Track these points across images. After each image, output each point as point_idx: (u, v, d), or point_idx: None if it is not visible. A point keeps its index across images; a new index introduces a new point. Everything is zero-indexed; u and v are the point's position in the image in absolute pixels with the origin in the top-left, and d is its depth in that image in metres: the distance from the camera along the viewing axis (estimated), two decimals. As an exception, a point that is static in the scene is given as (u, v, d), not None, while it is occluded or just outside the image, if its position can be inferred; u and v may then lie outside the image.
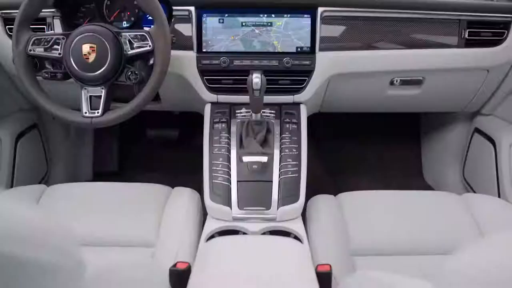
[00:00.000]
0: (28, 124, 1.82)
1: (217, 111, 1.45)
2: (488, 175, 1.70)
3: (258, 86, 1.22)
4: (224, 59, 1.41)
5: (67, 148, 2.08)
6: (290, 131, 1.39)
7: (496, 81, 1.60)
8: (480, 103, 1.73)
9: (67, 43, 1.21)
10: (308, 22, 1.40)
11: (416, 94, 1.59)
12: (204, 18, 1.41)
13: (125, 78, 1.24)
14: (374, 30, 1.45)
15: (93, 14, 1.45)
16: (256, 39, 1.42)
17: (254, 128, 1.37)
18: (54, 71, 1.28)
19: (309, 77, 1.44)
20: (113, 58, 1.20)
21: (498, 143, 1.68)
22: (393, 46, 1.46)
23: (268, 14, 1.41)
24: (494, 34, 1.48)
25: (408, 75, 1.53)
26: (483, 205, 1.33)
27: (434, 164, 2.17)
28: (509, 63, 1.54)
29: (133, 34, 1.22)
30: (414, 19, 1.45)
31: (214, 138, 1.38)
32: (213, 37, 1.42)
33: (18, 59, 1.22)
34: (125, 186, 1.39)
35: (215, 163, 1.33)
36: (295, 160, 1.34)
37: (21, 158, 1.73)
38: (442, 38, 1.48)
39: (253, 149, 1.33)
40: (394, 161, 2.26)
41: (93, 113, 1.23)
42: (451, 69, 1.51)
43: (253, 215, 1.28)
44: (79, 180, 2.12)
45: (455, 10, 1.45)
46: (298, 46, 1.42)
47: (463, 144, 1.95)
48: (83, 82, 1.22)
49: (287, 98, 1.46)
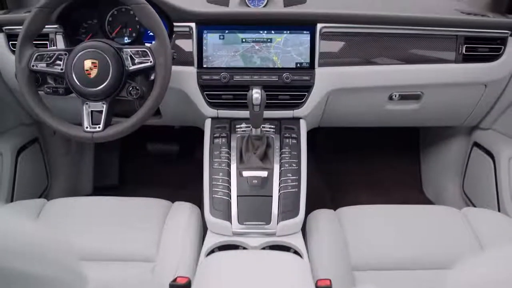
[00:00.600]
0: (29, 138, 1.82)
1: (217, 126, 1.46)
2: (488, 189, 1.71)
3: (258, 101, 1.23)
4: (224, 74, 1.42)
5: (68, 162, 2.09)
6: (290, 146, 1.40)
7: (494, 95, 1.62)
8: (478, 118, 1.74)
9: (69, 58, 1.23)
10: (307, 38, 1.42)
11: (415, 108, 1.61)
12: (204, 34, 1.43)
13: (126, 93, 1.25)
14: (372, 46, 1.46)
15: (95, 30, 1.47)
16: (256, 54, 1.43)
17: (254, 143, 1.38)
18: (56, 86, 1.29)
19: (308, 92, 1.45)
20: (114, 74, 1.21)
21: (497, 157, 1.69)
22: (392, 61, 1.48)
23: (268, 30, 1.43)
24: (491, 49, 1.50)
25: (407, 90, 1.54)
26: (483, 219, 1.33)
27: (433, 178, 2.17)
28: (506, 78, 1.55)
29: (135, 50, 1.23)
30: (412, 35, 1.47)
31: (214, 153, 1.38)
32: (214, 53, 1.43)
33: (20, 74, 1.23)
34: (125, 201, 1.39)
35: (215, 177, 1.34)
36: (295, 175, 1.34)
37: (22, 172, 1.73)
38: (440, 54, 1.49)
39: (253, 164, 1.34)
40: (393, 175, 2.26)
41: (94, 128, 1.23)
42: (449, 84, 1.53)
43: (253, 230, 1.28)
44: (79, 194, 2.12)
45: (452, 26, 1.47)
46: (298, 61, 1.43)
47: (463, 158, 1.96)
48: (84, 97, 1.23)
49: (287, 113, 1.47)
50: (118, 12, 1.47)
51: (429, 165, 2.22)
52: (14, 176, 1.70)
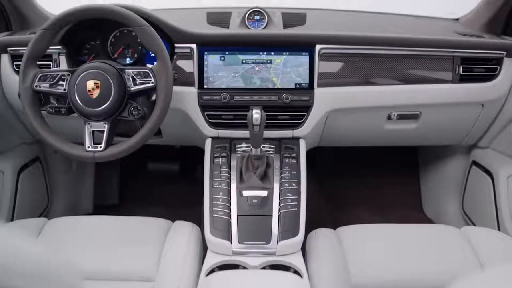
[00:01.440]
0: (30, 157, 1.83)
1: (217, 146, 1.47)
2: (487, 207, 1.71)
3: (258, 121, 1.24)
4: (224, 95, 1.44)
5: (68, 181, 2.09)
6: (290, 165, 1.41)
7: (491, 115, 1.63)
8: (476, 137, 1.75)
9: (72, 79, 1.24)
10: (306, 59, 1.44)
11: (413, 128, 1.62)
12: (205, 56, 1.45)
13: (127, 113, 1.26)
14: (371, 67, 1.49)
15: (98, 51, 1.50)
16: (256, 75, 1.45)
17: (254, 162, 1.39)
18: (58, 106, 1.30)
19: (308, 112, 1.47)
20: (116, 94, 1.22)
21: (495, 175, 1.69)
22: (390, 81, 1.50)
23: (267, 52, 1.45)
24: (487, 69, 1.53)
25: (405, 110, 1.56)
26: (483, 238, 1.33)
27: (433, 197, 2.17)
28: (503, 97, 1.57)
29: (136, 71, 1.25)
30: (410, 55, 1.49)
31: (215, 172, 1.39)
32: (214, 74, 1.45)
33: (24, 94, 1.25)
34: (125, 220, 1.39)
35: (216, 197, 1.34)
36: (295, 194, 1.35)
37: (23, 191, 1.74)
38: (437, 74, 1.51)
39: (253, 184, 1.35)
40: (393, 194, 2.26)
41: (95, 148, 1.24)
42: (447, 103, 1.55)
43: (253, 249, 1.28)
44: (79, 213, 2.12)
45: (449, 47, 1.50)
46: (297, 82, 1.45)
47: (462, 176, 1.96)
48: (86, 117, 1.24)
49: (287, 133, 1.49)
50: (120, 33, 1.49)
51: (428, 184, 2.22)
52: (15, 195, 1.70)
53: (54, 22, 1.25)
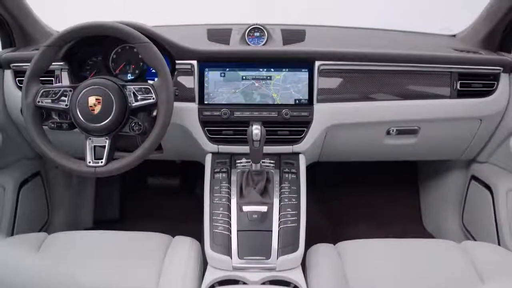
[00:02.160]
0: (31, 172, 1.84)
1: (217, 161, 1.48)
2: (487, 222, 1.71)
3: (258, 137, 1.25)
4: (225, 110, 1.45)
5: (69, 195, 2.10)
6: (289, 180, 1.41)
7: (489, 130, 1.65)
8: (475, 151, 1.76)
9: (74, 95, 1.25)
10: (305, 75, 1.46)
11: (412, 143, 1.63)
12: (206, 72, 1.47)
13: (129, 129, 1.27)
14: (369, 82, 1.50)
15: (99, 67, 1.51)
16: (256, 91, 1.47)
17: (254, 178, 1.39)
18: (60, 122, 1.31)
19: (307, 128, 1.48)
20: (117, 110, 1.24)
21: (495, 190, 1.70)
22: (389, 97, 1.51)
23: (267, 68, 1.47)
24: (485, 85, 1.54)
25: (404, 125, 1.57)
26: (483, 253, 1.33)
27: (433, 211, 2.17)
28: (501, 112, 1.59)
29: (138, 87, 1.26)
30: (408, 71, 1.51)
31: (215, 187, 1.40)
32: (215, 90, 1.47)
33: (26, 109, 1.26)
34: (125, 235, 1.39)
35: (216, 212, 1.34)
36: (294, 210, 1.35)
37: (23, 206, 1.74)
38: (435, 89, 1.53)
39: (253, 199, 1.35)
40: (393, 208, 2.26)
41: (96, 163, 1.25)
42: (445, 119, 1.56)
43: (253, 265, 1.27)
44: (79, 227, 2.12)
45: (446, 62, 1.52)
46: (297, 98, 1.47)
47: (461, 191, 1.97)
48: (88, 132, 1.25)
49: (286, 148, 1.49)
50: (122, 49, 1.51)
51: (428, 198, 2.22)
52: (15, 210, 1.70)
53: (57, 39, 1.27)
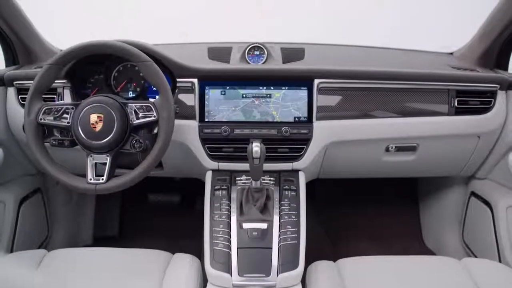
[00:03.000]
0: (32, 188, 1.84)
1: (218, 178, 1.48)
2: (487, 238, 1.71)
3: (258, 154, 1.26)
4: (225, 128, 1.46)
5: (69, 212, 2.09)
6: (289, 198, 1.42)
7: (488, 146, 1.66)
8: (474, 168, 1.77)
9: (76, 112, 1.27)
10: (305, 93, 1.48)
11: (411, 160, 1.64)
12: (206, 90, 1.48)
13: (129, 146, 1.28)
14: (368, 100, 1.52)
15: (101, 84, 1.53)
16: (256, 109, 1.48)
17: (254, 195, 1.40)
18: (61, 139, 1.32)
19: (307, 145, 1.49)
20: (119, 128, 1.25)
21: (494, 206, 1.70)
22: (387, 114, 1.53)
23: (267, 86, 1.49)
24: (482, 102, 1.56)
25: (403, 142, 1.58)
26: (483, 270, 1.33)
27: (433, 228, 2.17)
28: (498, 129, 1.60)
29: (139, 105, 1.27)
30: (406, 89, 1.53)
31: (215, 204, 1.40)
32: (215, 108, 1.48)
33: (28, 126, 1.27)
34: (125, 252, 1.39)
35: (216, 229, 1.35)
36: (294, 227, 1.35)
37: (23, 222, 1.74)
38: (433, 107, 1.55)
39: (253, 216, 1.36)
40: (393, 225, 2.26)
41: (97, 180, 1.25)
42: (444, 135, 1.57)
43: (253, 282, 1.27)
44: (79, 244, 2.11)
45: (444, 80, 1.53)
46: (296, 116, 1.48)
47: (461, 207, 1.97)
48: (89, 149, 1.26)
49: (286, 165, 1.50)
50: (123, 68, 1.53)
51: (428, 215, 2.22)
52: (15, 226, 1.70)
53: (60, 58, 1.28)
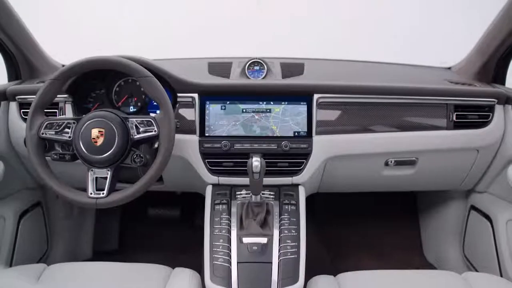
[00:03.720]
0: (32, 202, 1.84)
1: (218, 193, 1.49)
2: (488, 252, 1.70)
3: (258, 169, 1.27)
4: (225, 142, 1.47)
5: (69, 226, 2.09)
6: (289, 212, 1.42)
7: (487, 160, 1.66)
8: (473, 181, 1.77)
9: (77, 127, 1.27)
10: (304, 108, 1.49)
11: (410, 174, 1.64)
12: (207, 105, 1.49)
13: (130, 160, 1.29)
14: (367, 115, 1.53)
15: (102, 99, 1.54)
16: (255, 124, 1.50)
17: (254, 209, 1.40)
18: (62, 153, 1.32)
19: (306, 159, 1.49)
20: (120, 142, 1.25)
21: (494, 220, 1.70)
22: (387, 129, 1.54)
23: (267, 101, 1.50)
24: (480, 116, 1.57)
25: (402, 156, 1.59)
26: (485, 284, 1.32)
27: (433, 241, 2.17)
28: (497, 143, 1.61)
29: (140, 120, 1.28)
30: (405, 103, 1.54)
31: (215, 219, 1.40)
32: (215, 122, 1.49)
33: (30, 141, 1.28)
34: (124, 266, 1.38)
35: (216, 244, 1.35)
36: (294, 241, 1.35)
37: (23, 236, 1.73)
38: (432, 121, 1.56)
39: (253, 230, 1.36)
40: (393, 239, 2.25)
41: (98, 194, 1.26)
42: (443, 150, 1.58)
43: None
44: (78, 258, 2.10)
45: (442, 95, 1.55)
46: (296, 130, 1.49)
47: (461, 221, 1.97)
48: (90, 164, 1.27)
49: (286, 180, 1.51)
50: (124, 83, 1.54)
51: (428, 229, 2.22)
52: (15, 240, 1.70)
53: (62, 73, 1.30)
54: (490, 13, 1.58)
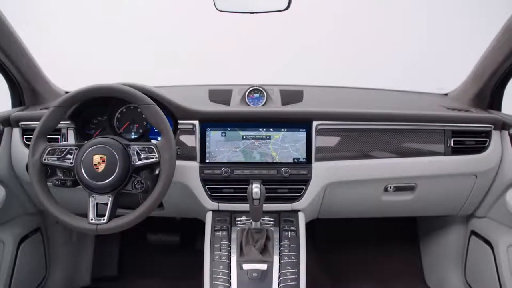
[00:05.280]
0: (32, 227, 1.84)
1: (218, 219, 1.49)
2: (490, 278, 1.69)
3: (258, 195, 1.28)
4: (225, 169, 1.48)
5: (68, 252, 2.08)
6: (289, 238, 1.42)
7: (485, 185, 1.67)
8: (473, 207, 1.77)
9: (79, 153, 1.29)
10: (303, 135, 1.51)
11: (410, 199, 1.65)
12: (207, 131, 1.51)
13: (131, 187, 1.29)
14: (366, 141, 1.54)
15: (104, 125, 1.56)
16: (255, 150, 1.51)
17: (254, 235, 1.40)
18: (64, 179, 1.33)
19: (306, 185, 1.50)
20: (121, 169, 1.26)
21: (495, 245, 1.69)
22: (385, 155, 1.55)
23: (266, 128, 1.52)
24: (478, 142, 1.59)
25: (401, 182, 1.60)
26: None
27: (435, 267, 2.15)
28: (495, 168, 1.62)
29: (141, 146, 1.30)
30: (403, 130, 1.56)
31: (215, 245, 1.40)
32: (216, 149, 1.51)
33: (32, 167, 1.29)
34: None
35: (216, 270, 1.34)
36: (294, 268, 1.35)
37: (22, 262, 1.72)
38: (430, 147, 1.57)
39: (253, 257, 1.36)
40: (394, 265, 2.23)
41: (98, 220, 1.26)
42: (441, 175, 1.59)
43: None
44: (77, 285, 2.08)
45: (439, 121, 1.57)
46: (295, 157, 1.51)
47: (462, 246, 1.96)
48: (91, 190, 1.27)
49: (286, 206, 1.51)
50: (126, 109, 1.56)
51: (429, 254, 2.20)
52: (13, 265, 1.69)
53: (66, 100, 1.32)
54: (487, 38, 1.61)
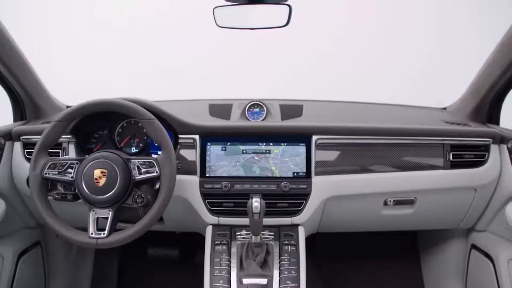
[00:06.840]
0: (31, 241, 1.83)
1: (218, 233, 1.49)
2: None
3: (258, 210, 1.28)
4: (225, 183, 1.49)
5: (67, 266, 2.07)
6: (289, 252, 1.42)
7: (485, 199, 1.67)
8: (473, 220, 1.77)
9: (80, 167, 1.29)
10: (303, 149, 1.52)
11: (409, 213, 1.65)
12: (208, 146, 1.52)
13: (132, 201, 1.30)
14: (366, 155, 1.55)
15: (105, 139, 1.57)
16: (255, 165, 1.52)
17: (254, 250, 1.40)
18: (64, 193, 1.34)
19: (306, 200, 1.51)
20: (122, 183, 1.27)
21: (495, 259, 1.69)
22: (385, 169, 1.56)
23: (266, 142, 1.53)
24: (476, 156, 1.60)
25: (401, 196, 1.60)
26: None
27: (435, 281, 2.13)
28: (494, 182, 1.62)
29: (142, 161, 1.30)
30: (402, 144, 1.57)
31: (215, 260, 1.40)
32: (216, 163, 1.52)
33: (33, 181, 1.29)
34: None
35: (216, 285, 1.34)
36: (294, 282, 1.35)
37: (21, 276, 1.72)
38: (429, 161, 1.58)
39: (253, 271, 1.35)
40: (395, 279, 2.22)
41: (99, 234, 1.26)
42: (441, 189, 1.59)
43: None
44: None
45: (438, 135, 1.58)
46: (295, 171, 1.51)
47: (463, 260, 1.95)
48: (92, 204, 1.28)
49: (286, 220, 1.51)
50: (127, 124, 1.57)
51: (430, 268, 2.19)
52: (12, 280, 1.68)
53: (67, 115, 1.33)
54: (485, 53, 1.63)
